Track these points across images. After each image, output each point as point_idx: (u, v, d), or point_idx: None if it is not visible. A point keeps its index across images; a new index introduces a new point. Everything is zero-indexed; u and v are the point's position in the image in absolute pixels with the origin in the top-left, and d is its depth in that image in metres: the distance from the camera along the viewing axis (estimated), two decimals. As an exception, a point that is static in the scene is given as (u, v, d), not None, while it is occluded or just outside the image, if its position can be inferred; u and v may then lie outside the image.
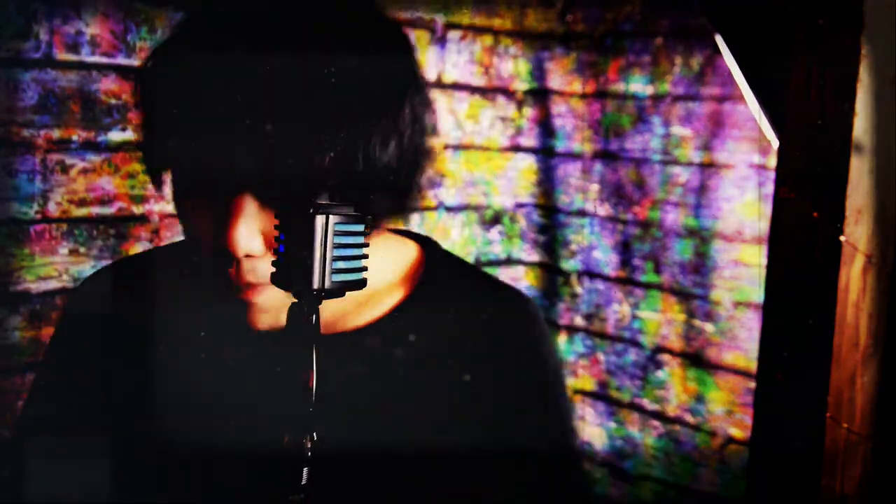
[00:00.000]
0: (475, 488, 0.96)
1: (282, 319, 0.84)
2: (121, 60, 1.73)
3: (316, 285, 0.76)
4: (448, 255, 1.09)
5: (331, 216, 0.76)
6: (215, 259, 0.87)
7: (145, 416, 1.00)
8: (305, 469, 0.74)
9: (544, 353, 1.05)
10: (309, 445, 0.74)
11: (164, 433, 0.99)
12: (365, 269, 0.81)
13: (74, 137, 1.69)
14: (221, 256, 0.85)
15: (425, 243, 1.08)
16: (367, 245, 0.81)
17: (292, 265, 0.77)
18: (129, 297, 1.06)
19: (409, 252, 1.05)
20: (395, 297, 1.01)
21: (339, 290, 0.78)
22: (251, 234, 0.85)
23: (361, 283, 0.80)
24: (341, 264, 0.77)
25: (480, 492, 0.96)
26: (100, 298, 1.09)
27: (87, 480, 1.01)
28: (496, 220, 2.34)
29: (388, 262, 1.01)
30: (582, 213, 2.30)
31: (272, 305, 0.89)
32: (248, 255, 0.86)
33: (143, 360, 1.01)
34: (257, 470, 0.87)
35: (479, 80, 2.24)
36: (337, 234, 0.77)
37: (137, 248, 1.78)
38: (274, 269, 0.79)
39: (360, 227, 0.79)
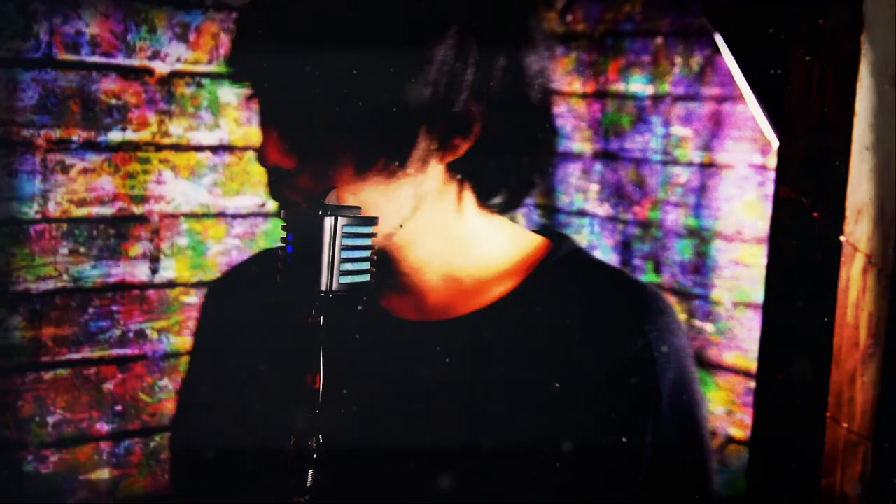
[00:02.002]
0: (570, 489, 0.92)
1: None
2: (121, 60, 1.73)
3: (324, 287, 0.76)
4: (578, 251, 1.03)
5: (339, 218, 0.76)
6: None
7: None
8: (311, 471, 0.74)
9: (665, 358, 0.96)
10: (314, 447, 0.74)
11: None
12: (372, 270, 0.81)
13: (74, 137, 1.69)
14: (263, 164, 0.89)
15: (556, 237, 1.04)
16: (373, 247, 0.81)
17: (300, 266, 0.77)
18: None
19: (530, 242, 1.02)
20: (507, 285, 0.97)
21: (346, 292, 0.78)
22: (281, 149, 0.88)
23: (369, 285, 0.80)
24: (349, 266, 0.77)
25: (578, 493, 0.93)
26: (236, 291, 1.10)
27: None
28: (496, 219, 2.34)
29: (500, 251, 0.98)
30: (582, 213, 2.30)
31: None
32: (279, 168, 0.88)
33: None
34: (263, 470, 0.87)
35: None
36: (345, 235, 0.77)
37: (138, 249, 1.78)
38: (281, 269, 0.79)
39: (368, 229, 0.79)
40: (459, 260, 0.96)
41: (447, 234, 0.95)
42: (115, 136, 1.73)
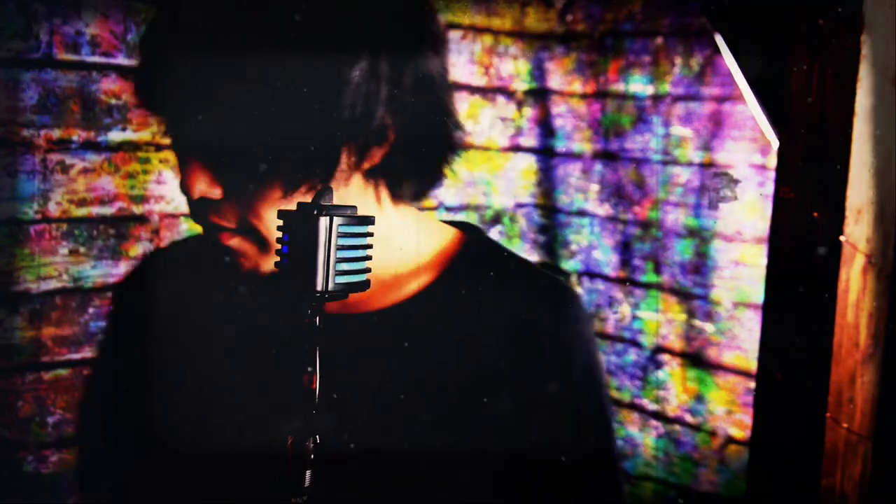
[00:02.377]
0: (492, 485, 0.94)
1: (261, 265, 0.92)
2: (121, 60, 1.73)
3: (319, 287, 0.76)
4: (491, 243, 1.06)
5: (335, 218, 0.76)
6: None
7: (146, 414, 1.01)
8: (308, 471, 0.74)
9: (576, 346, 1.00)
10: (311, 447, 0.74)
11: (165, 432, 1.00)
12: (368, 270, 0.81)
13: (74, 137, 1.69)
14: (186, 195, 0.91)
15: (470, 230, 1.06)
16: (370, 246, 0.81)
17: (296, 267, 0.77)
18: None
19: (445, 236, 1.04)
20: (423, 279, 1.00)
21: (342, 292, 0.78)
22: (205, 179, 0.90)
23: (365, 285, 0.80)
24: (345, 266, 0.77)
25: (499, 488, 0.94)
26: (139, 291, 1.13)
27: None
28: (496, 220, 2.34)
29: (418, 244, 1.01)
30: (582, 213, 2.30)
31: (245, 250, 0.92)
32: (205, 198, 0.90)
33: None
34: (260, 471, 0.87)
35: (479, 80, 2.24)
36: (341, 235, 0.77)
37: (137, 249, 1.78)
38: (277, 270, 0.79)
39: (364, 229, 0.79)
40: (378, 255, 0.97)
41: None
42: (115, 136, 1.73)
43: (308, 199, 0.88)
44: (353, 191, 0.94)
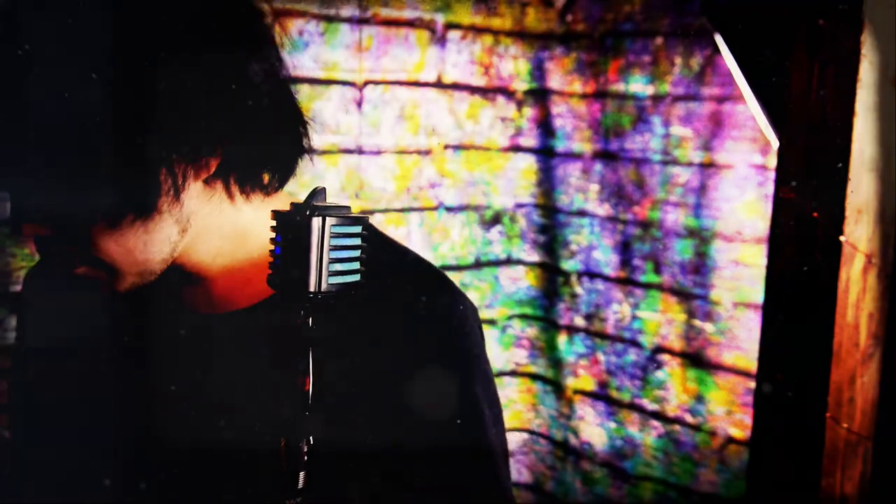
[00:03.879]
0: (371, 482, 0.93)
1: (118, 286, 0.92)
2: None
3: (312, 288, 0.76)
4: (374, 231, 1.03)
5: (327, 218, 0.76)
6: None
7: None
8: (302, 473, 0.74)
9: (450, 333, 0.99)
10: (305, 449, 0.74)
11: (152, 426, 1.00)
12: (362, 270, 0.81)
13: (74, 138, 1.69)
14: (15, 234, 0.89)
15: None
16: (364, 246, 0.80)
17: (288, 267, 0.77)
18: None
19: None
20: None
21: (335, 292, 0.78)
22: (33, 222, 0.88)
23: (359, 285, 0.80)
24: (338, 266, 0.77)
25: (378, 487, 0.93)
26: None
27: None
28: (496, 220, 2.34)
29: None
30: (582, 213, 2.29)
31: (98, 276, 0.92)
32: (39, 236, 0.89)
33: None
34: (253, 473, 0.87)
35: (479, 80, 2.24)
36: (333, 235, 0.76)
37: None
38: (270, 271, 0.79)
39: (357, 229, 0.79)
40: (240, 252, 0.98)
41: (223, 231, 0.96)
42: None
43: (140, 225, 0.87)
44: (191, 202, 0.91)
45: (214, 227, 0.95)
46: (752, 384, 1.89)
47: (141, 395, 1.01)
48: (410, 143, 2.13)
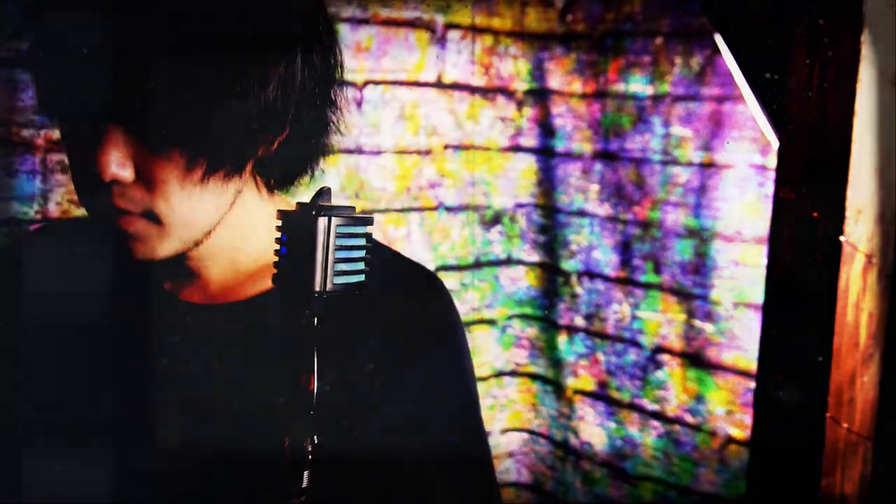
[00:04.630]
0: (368, 479, 0.94)
1: (163, 252, 0.91)
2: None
3: (318, 288, 0.76)
4: None
5: (333, 218, 0.77)
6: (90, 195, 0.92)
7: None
8: (306, 472, 0.74)
9: (441, 333, 1.01)
10: (310, 449, 0.74)
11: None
12: (367, 270, 0.81)
13: (74, 138, 1.69)
14: (93, 180, 0.88)
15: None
16: (369, 245, 0.81)
17: (294, 267, 0.77)
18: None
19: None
20: None
21: (340, 292, 0.78)
22: (119, 160, 0.87)
23: (364, 285, 0.80)
24: (343, 266, 0.77)
25: (375, 488, 0.95)
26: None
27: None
28: (496, 220, 2.34)
29: None
30: (582, 213, 2.30)
31: (147, 235, 0.91)
32: (115, 181, 0.88)
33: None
34: (257, 473, 0.87)
35: (479, 80, 2.24)
36: (339, 236, 0.77)
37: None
38: (275, 271, 0.79)
39: (362, 229, 0.79)
40: (246, 245, 1.00)
41: (237, 222, 0.98)
42: (114, 136, 1.73)
43: (223, 184, 0.90)
44: (244, 179, 0.96)
45: (234, 215, 0.96)
46: (752, 384, 1.89)
47: (133, 384, 1.01)
48: (410, 143, 2.13)
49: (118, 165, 0.87)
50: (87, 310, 1.02)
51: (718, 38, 1.51)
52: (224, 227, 0.96)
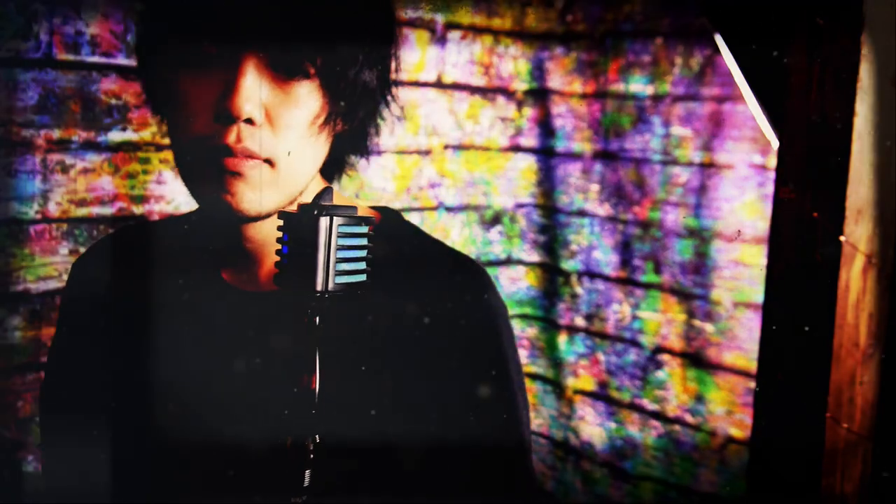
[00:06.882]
0: (408, 467, 0.94)
1: (265, 204, 0.90)
2: (121, 60, 1.73)
3: (319, 287, 0.76)
4: (405, 223, 1.07)
5: (335, 218, 0.77)
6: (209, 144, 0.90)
7: (141, 406, 1.01)
8: (308, 471, 0.74)
9: (487, 322, 1.01)
10: (311, 447, 0.74)
11: (162, 425, 1.00)
12: (368, 270, 0.81)
13: (74, 137, 1.69)
14: (220, 121, 0.87)
15: (385, 212, 1.07)
16: (370, 246, 0.81)
17: (296, 266, 0.77)
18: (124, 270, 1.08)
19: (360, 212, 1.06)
20: None
21: (342, 292, 0.78)
22: (254, 99, 0.87)
23: (365, 285, 0.80)
24: (345, 266, 0.77)
25: (413, 471, 0.94)
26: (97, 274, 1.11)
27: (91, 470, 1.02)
28: (496, 220, 2.34)
29: None
30: (582, 213, 2.30)
31: (261, 183, 0.90)
32: (248, 121, 0.87)
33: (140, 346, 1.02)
34: (259, 470, 0.87)
35: (479, 80, 2.24)
36: (341, 235, 0.77)
37: (137, 249, 1.78)
38: (277, 270, 0.79)
39: (364, 229, 0.79)
40: None
41: (307, 192, 0.98)
42: (115, 136, 1.73)
43: (328, 132, 0.92)
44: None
45: (311, 187, 0.97)
46: (752, 384, 1.89)
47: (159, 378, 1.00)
48: (410, 143, 2.13)
49: (253, 104, 0.86)
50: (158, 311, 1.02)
51: (718, 38, 1.51)
52: (314, 184, 0.97)
